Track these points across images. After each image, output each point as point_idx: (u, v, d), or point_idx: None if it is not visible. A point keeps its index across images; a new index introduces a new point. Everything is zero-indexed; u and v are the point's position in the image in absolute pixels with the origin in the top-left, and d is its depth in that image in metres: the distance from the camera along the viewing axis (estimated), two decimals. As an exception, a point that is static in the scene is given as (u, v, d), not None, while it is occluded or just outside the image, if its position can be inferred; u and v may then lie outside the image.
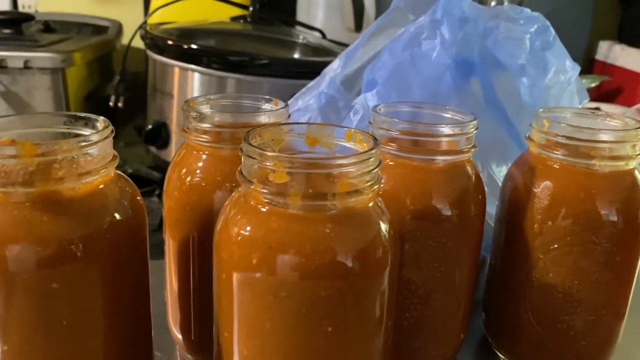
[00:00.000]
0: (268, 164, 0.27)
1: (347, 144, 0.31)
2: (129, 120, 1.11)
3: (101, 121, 0.31)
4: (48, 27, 1.14)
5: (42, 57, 0.90)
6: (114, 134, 0.30)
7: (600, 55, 1.25)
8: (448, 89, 0.50)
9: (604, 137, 0.38)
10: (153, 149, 0.81)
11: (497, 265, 0.42)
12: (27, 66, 0.89)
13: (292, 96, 0.57)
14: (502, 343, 0.43)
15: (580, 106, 0.50)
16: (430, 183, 0.37)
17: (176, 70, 0.75)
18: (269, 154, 0.27)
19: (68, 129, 0.31)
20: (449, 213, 0.37)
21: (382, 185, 0.29)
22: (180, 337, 0.41)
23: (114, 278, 0.30)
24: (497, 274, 0.42)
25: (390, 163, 0.37)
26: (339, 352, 0.28)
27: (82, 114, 0.32)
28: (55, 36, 1.06)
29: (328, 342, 0.28)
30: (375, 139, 0.29)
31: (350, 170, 0.27)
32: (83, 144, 0.28)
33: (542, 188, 0.38)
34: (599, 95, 1.22)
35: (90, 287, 0.29)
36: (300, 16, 1.07)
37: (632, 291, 0.40)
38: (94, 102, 1.01)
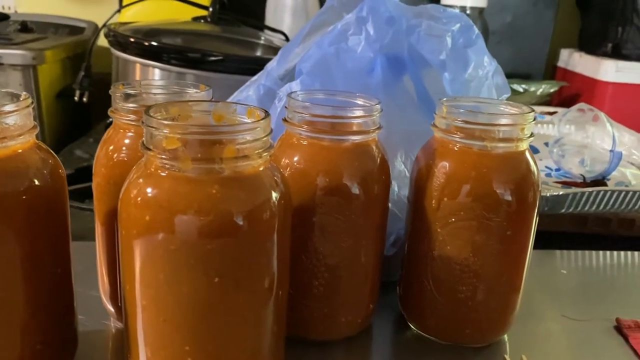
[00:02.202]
0: (163, 131, 0.30)
1: (248, 120, 0.34)
2: (102, 119, 1.15)
3: (23, 96, 0.34)
4: (25, 27, 1.17)
5: (13, 54, 0.93)
6: (33, 105, 0.34)
7: (561, 62, 1.29)
8: (377, 84, 0.53)
9: (497, 121, 0.41)
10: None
11: (407, 241, 0.45)
12: (-2, 62, 0.92)
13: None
14: (412, 315, 0.46)
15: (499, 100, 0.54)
16: (336, 161, 0.40)
17: (137, 66, 0.78)
18: (163, 122, 0.30)
19: (-5, 103, 0.35)
20: (352, 189, 0.40)
21: (272, 153, 0.33)
22: (109, 305, 0.44)
23: (30, 237, 0.33)
24: (407, 250, 0.45)
25: (304, 143, 0.41)
26: (228, 302, 0.31)
27: (9, 90, 0.35)
28: (30, 35, 1.09)
29: (216, 291, 0.31)
30: (267, 113, 0.33)
31: (236, 137, 0.30)
32: (-2, 111, 0.31)
33: (440, 167, 0.41)
34: (560, 100, 1.26)
35: (5, 243, 0.32)
36: (268, 20, 1.10)
37: (526, 265, 0.43)
38: (66, 100, 1.04)
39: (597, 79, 1.14)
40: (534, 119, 0.41)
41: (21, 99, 0.33)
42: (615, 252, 0.65)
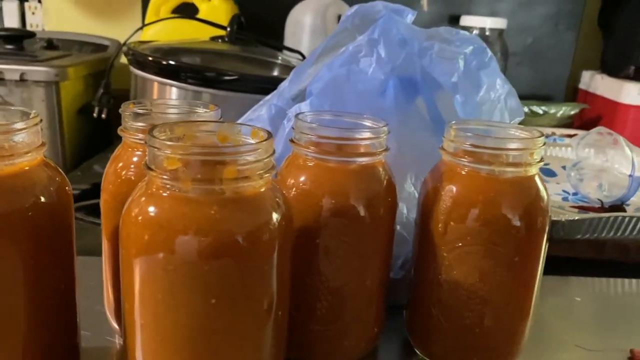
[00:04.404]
0: (164, 152, 0.30)
1: (252, 140, 0.34)
2: (123, 135, 1.16)
3: (32, 114, 0.34)
4: (51, 44, 1.20)
5: (37, 70, 0.95)
6: (41, 123, 0.34)
7: (583, 85, 1.28)
8: (390, 106, 0.53)
9: (506, 145, 0.41)
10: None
11: (414, 265, 0.45)
12: (23, 79, 0.95)
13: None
14: (418, 340, 0.45)
15: (511, 123, 0.53)
16: (342, 182, 0.40)
17: (155, 84, 0.79)
18: (165, 142, 0.30)
19: (7, 121, 0.35)
20: (358, 211, 0.40)
21: (274, 174, 0.33)
22: (114, 322, 0.44)
23: (34, 254, 0.33)
24: (414, 274, 0.45)
25: (310, 164, 0.41)
26: (225, 323, 0.31)
27: (20, 108, 0.35)
28: (55, 52, 1.12)
29: (213, 312, 0.31)
30: (269, 134, 0.33)
31: (237, 158, 0.30)
32: (5, 129, 0.31)
33: (447, 191, 0.41)
34: (582, 122, 1.25)
35: (10, 258, 0.32)
36: (287, 40, 1.11)
37: (534, 291, 0.42)
38: (87, 116, 1.06)
39: (619, 101, 1.12)
40: (544, 144, 0.41)
41: (30, 117, 0.34)
42: (633, 280, 0.63)
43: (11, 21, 1.36)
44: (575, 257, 0.70)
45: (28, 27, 1.36)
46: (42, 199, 0.34)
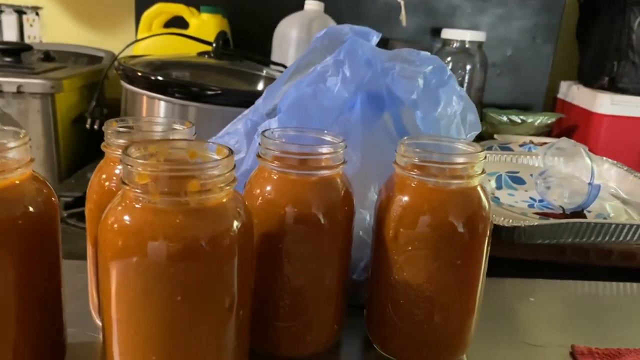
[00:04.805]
0: (136, 169, 0.35)
1: (217, 156, 0.39)
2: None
3: (23, 133, 0.39)
4: (48, 56, 1.25)
5: (33, 83, 1.00)
6: (30, 142, 0.39)
7: (561, 94, 1.32)
8: (357, 120, 0.58)
9: (450, 159, 0.45)
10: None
11: (371, 267, 0.49)
12: (19, 91, 0.99)
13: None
14: (375, 337, 0.50)
15: (466, 137, 0.57)
16: (303, 193, 0.44)
17: (144, 98, 0.84)
18: (136, 160, 0.35)
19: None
20: (317, 219, 0.44)
21: (234, 186, 0.37)
22: (98, 320, 0.48)
23: (24, 259, 0.38)
24: (371, 276, 0.49)
25: (274, 176, 0.45)
26: (190, 319, 0.35)
27: (12, 128, 0.40)
28: (51, 65, 1.16)
29: (179, 309, 0.35)
30: (231, 151, 0.37)
31: (200, 174, 0.35)
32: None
33: (398, 200, 0.45)
34: (560, 131, 1.29)
35: (1, 264, 0.36)
36: (274, 54, 1.16)
37: (478, 290, 0.46)
38: (82, 125, 1.10)
39: (593, 111, 1.17)
40: (485, 158, 0.45)
41: (20, 137, 0.38)
42: (586, 282, 0.68)
43: (10, 33, 1.41)
44: (539, 260, 0.74)
45: (26, 39, 1.41)
46: (31, 209, 0.38)
